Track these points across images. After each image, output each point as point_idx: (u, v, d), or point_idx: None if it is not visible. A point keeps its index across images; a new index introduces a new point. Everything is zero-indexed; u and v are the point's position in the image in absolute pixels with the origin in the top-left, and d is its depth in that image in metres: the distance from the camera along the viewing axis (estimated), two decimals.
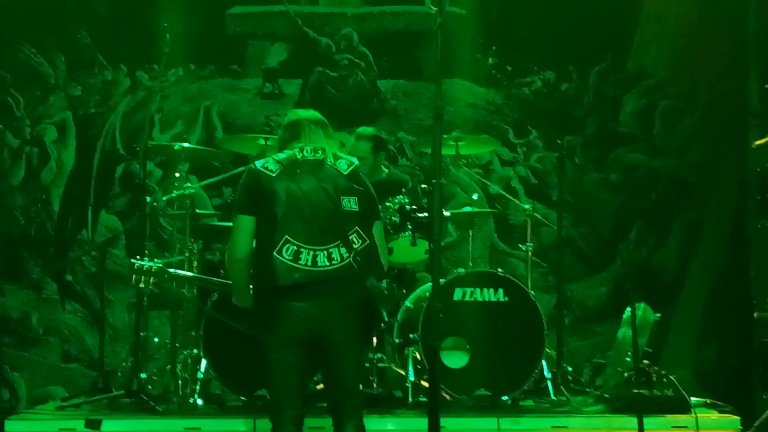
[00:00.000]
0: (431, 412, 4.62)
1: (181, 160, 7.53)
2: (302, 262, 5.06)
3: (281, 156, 5.31)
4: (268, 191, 5.15)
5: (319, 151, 5.31)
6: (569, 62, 9.52)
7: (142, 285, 6.03)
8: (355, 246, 5.13)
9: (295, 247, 5.07)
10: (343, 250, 5.11)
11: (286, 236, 5.07)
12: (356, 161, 5.41)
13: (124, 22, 9.30)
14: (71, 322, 9.14)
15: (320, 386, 6.83)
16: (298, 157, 5.28)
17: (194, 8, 9.22)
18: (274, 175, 5.20)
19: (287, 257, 5.05)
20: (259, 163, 5.30)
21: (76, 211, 9.26)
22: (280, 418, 5.14)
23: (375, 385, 7.06)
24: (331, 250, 5.11)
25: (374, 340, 6.77)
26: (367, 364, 6.98)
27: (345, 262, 5.11)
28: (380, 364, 7.15)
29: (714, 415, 6.98)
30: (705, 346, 9.14)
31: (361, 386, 5.65)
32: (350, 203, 5.21)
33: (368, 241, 5.21)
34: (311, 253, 5.08)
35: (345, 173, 5.27)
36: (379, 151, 7.77)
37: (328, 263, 5.09)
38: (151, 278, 6.01)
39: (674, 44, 9.51)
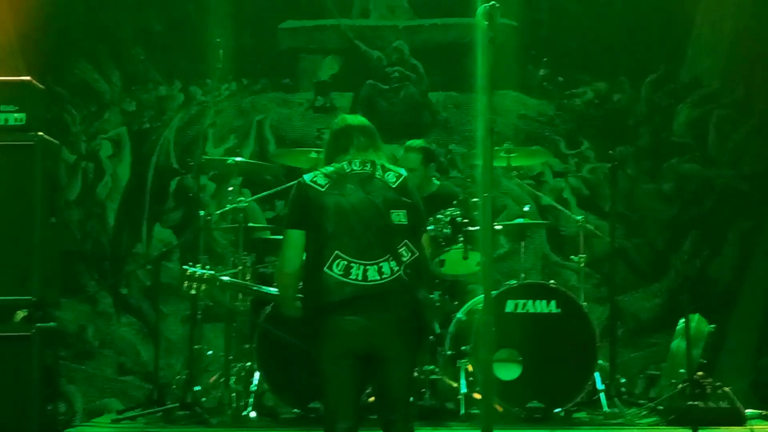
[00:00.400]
0: (485, 425, 4.60)
1: (234, 174, 7.60)
2: (353, 276, 5.01)
3: (329, 169, 5.23)
4: (317, 206, 5.10)
5: (368, 164, 5.24)
6: (621, 72, 9.49)
7: (193, 291, 6.09)
8: (404, 259, 5.06)
9: (346, 262, 5.01)
10: (393, 264, 5.05)
11: (337, 251, 5.02)
12: (405, 173, 5.31)
13: (178, 38, 9.42)
14: (126, 335, 9.24)
15: (372, 399, 6.87)
16: (347, 170, 5.21)
17: (246, 23, 9.33)
18: (323, 189, 5.13)
19: (338, 272, 5.00)
20: (308, 177, 5.24)
21: (131, 225, 9.36)
22: (333, 430, 5.10)
23: (427, 397, 7.08)
24: (381, 264, 5.04)
25: (423, 351, 6.75)
26: (420, 376, 6.99)
27: (395, 276, 5.04)
28: (432, 376, 7.15)
29: None
30: (762, 357, 9.04)
31: (411, 398, 5.61)
32: (399, 216, 5.13)
33: (417, 254, 5.15)
34: (362, 267, 5.03)
35: (393, 186, 5.20)
36: (429, 162, 7.80)
37: (378, 277, 5.02)
38: (203, 285, 6.06)
39: (728, 53, 9.44)
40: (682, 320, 7.45)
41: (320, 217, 5.08)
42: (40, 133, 6.56)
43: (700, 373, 7.03)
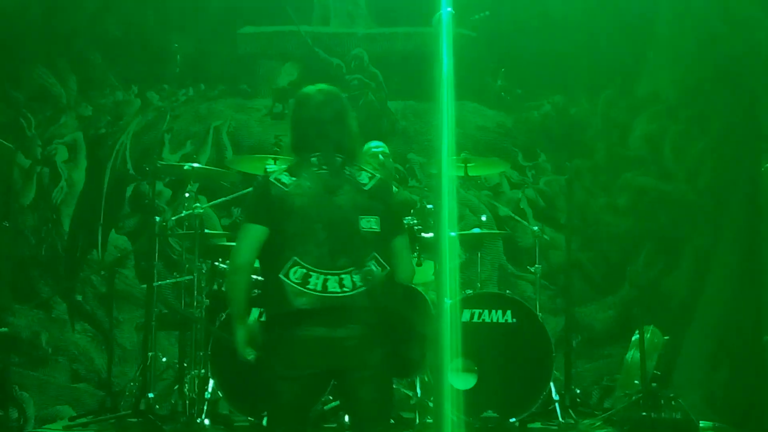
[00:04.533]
0: None
1: (190, 180, 7.55)
2: (311, 286, 4.62)
3: (293, 166, 4.85)
4: (279, 205, 4.70)
5: (336, 161, 4.82)
6: (578, 86, 9.53)
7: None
8: (372, 273, 4.67)
9: (304, 270, 4.63)
10: (356, 278, 4.66)
11: (295, 257, 4.64)
12: (378, 173, 4.93)
13: (136, 43, 9.36)
14: (80, 341, 9.16)
15: (328, 407, 6.85)
16: (314, 169, 4.79)
17: (205, 29, 9.30)
18: (286, 189, 4.73)
19: (294, 280, 4.62)
20: (271, 173, 4.90)
21: (86, 231, 9.29)
22: (273, 430, 4.84)
23: None
24: (343, 275, 4.66)
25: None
26: None
27: (358, 290, 4.65)
28: None
29: None
30: (717, 370, 9.09)
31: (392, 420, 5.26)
32: (369, 223, 4.74)
33: (388, 269, 4.73)
34: (321, 277, 4.64)
35: (366, 188, 4.80)
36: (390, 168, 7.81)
37: (339, 289, 4.64)
38: None
39: (685, 69, 9.51)
40: (637, 332, 7.50)
41: (281, 217, 4.69)
42: None
43: (654, 384, 7.07)
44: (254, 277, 5.62)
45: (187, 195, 7.70)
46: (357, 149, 4.99)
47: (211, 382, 7.01)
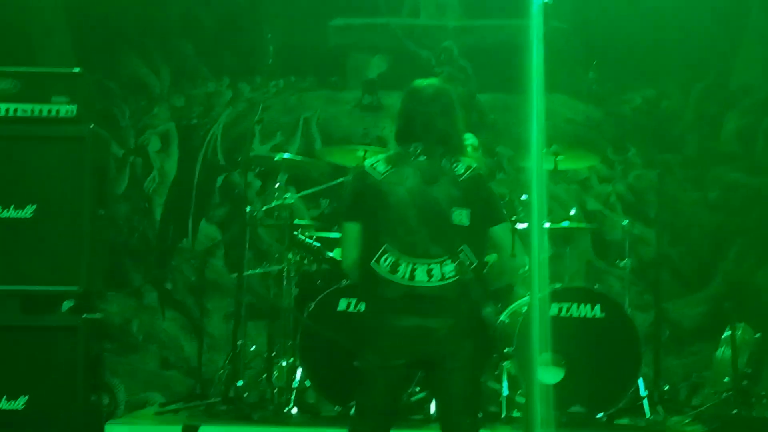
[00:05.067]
0: (526, 429, 4.56)
1: (280, 170, 7.62)
2: (399, 275, 4.67)
3: (392, 155, 4.90)
4: (373, 194, 4.76)
5: (437, 152, 4.84)
6: (670, 79, 9.43)
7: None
8: (462, 265, 4.69)
9: (394, 258, 4.68)
10: (446, 268, 4.67)
11: (386, 245, 4.68)
12: (475, 164, 4.90)
13: (228, 34, 9.46)
14: (170, 329, 9.29)
15: (415, 398, 6.88)
16: (411, 158, 4.82)
17: (296, 20, 9.35)
18: (380, 177, 4.77)
19: (384, 267, 4.68)
20: (368, 162, 4.91)
21: (177, 220, 9.41)
22: (360, 420, 4.87)
23: None
24: (432, 265, 4.68)
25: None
26: None
27: (447, 281, 4.67)
28: None
29: None
30: None
31: (480, 414, 5.23)
32: (461, 216, 4.72)
33: (476, 262, 4.74)
34: (410, 266, 4.68)
35: (460, 179, 4.77)
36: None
37: (426, 279, 4.67)
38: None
39: None
40: (728, 328, 7.41)
41: (375, 205, 4.74)
42: (91, 126, 6.60)
43: (744, 382, 6.98)
44: None
45: (276, 185, 7.77)
46: (460, 143, 4.99)
47: (299, 371, 7.07)
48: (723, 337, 7.62)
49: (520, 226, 6.90)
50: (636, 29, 9.31)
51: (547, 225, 7.59)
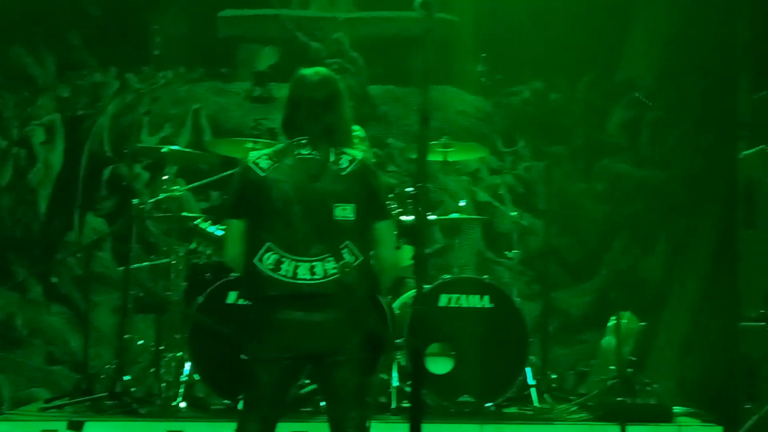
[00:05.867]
0: (413, 418, 4.57)
1: (168, 162, 7.53)
2: (282, 272, 4.65)
3: (276, 150, 4.85)
4: (256, 191, 4.73)
5: (322, 144, 4.80)
6: (558, 72, 9.54)
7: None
8: (345, 261, 4.67)
9: (277, 256, 4.66)
10: (329, 266, 4.66)
11: (269, 243, 4.67)
12: (360, 155, 4.86)
13: (115, 24, 9.29)
14: (56, 324, 9.11)
15: (305, 390, 6.86)
16: (297, 153, 4.78)
17: (185, 11, 9.23)
18: (263, 174, 4.74)
19: (267, 265, 4.66)
20: (251, 158, 4.84)
21: (63, 213, 9.23)
22: (247, 413, 4.82)
23: None
24: (315, 263, 4.67)
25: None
26: None
27: (329, 279, 4.65)
28: None
29: (697, 425, 6.99)
30: (690, 355, 9.16)
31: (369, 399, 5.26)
32: (345, 211, 4.70)
33: (362, 258, 4.72)
34: (293, 263, 4.66)
35: (344, 173, 4.75)
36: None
37: (309, 276, 4.65)
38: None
39: (663, 55, 9.54)
40: (614, 317, 7.54)
41: (258, 202, 4.71)
42: None
43: (629, 370, 7.11)
44: None
45: (165, 178, 7.68)
46: (347, 134, 4.95)
47: (188, 365, 7.00)
48: (609, 325, 7.74)
49: (406, 218, 6.97)
50: (524, 22, 9.40)
51: (433, 217, 7.64)
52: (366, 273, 4.78)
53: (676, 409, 7.11)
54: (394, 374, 7.02)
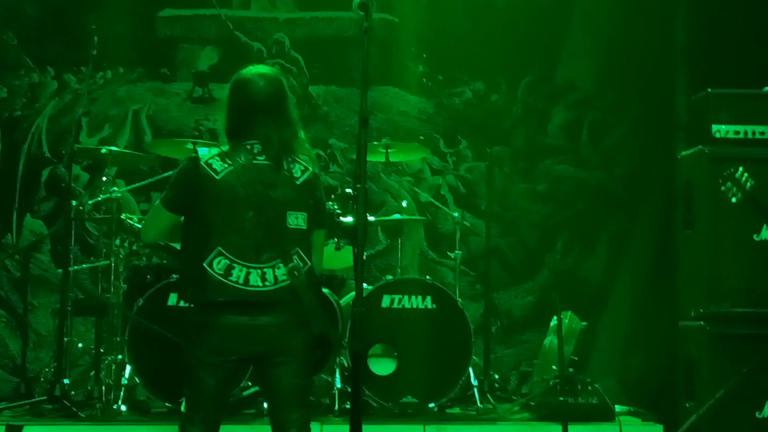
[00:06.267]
0: (353, 419, 4.56)
1: (108, 163, 7.46)
2: (233, 278, 4.59)
3: (227, 152, 4.71)
4: (207, 192, 4.62)
5: (273, 151, 4.72)
6: (499, 73, 9.57)
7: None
8: (298, 269, 4.64)
9: (228, 261, 4.59)
10: (279, 272, 4.64)
11: (219, 247, 4.59)
12: (311, 165, 4.83)
13: (52, 23, 9.16)
14: None
15: (246, 393, 6.83)
16: (251, 158, 4.68)
17: (123, 11, 9.13)
18: (218, 177, 4.63)
19: (217, 270, 4.58)
20: (203, 156, 4.71)
21: (0, 214, 9.09)
22: (190, 416, 4.77)
23: None
24: (266, 270, 4.63)
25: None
26: None
27: (279, 285, 4.64)
28: None
29: (638, 424, 7.06)
30: (631, 355, 9.24)
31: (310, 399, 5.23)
32: (297, 220, 4.70)
33: (309, 264, 4.72)
34: (244, 270, 4.61)
35: (298, 182, 4.74)
36: None
37: (261, 284, 4.62)
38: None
39: (602, 58, 9.62)
40: (555, 318, 7.58)
41: (209, 205, 4.61)
42: None
43: (571, 369, 7.15)
44: None
45: (104, 179, 7.59)
46: (294, 137, 4.86)
47: (128, 368, 6.94)
48: (551, 325, 7.78)
49: (346, 219, 6.96)
50: (465, 23, 9.43)
51: (372, 218, 7.64)
52: (312, 277, 4.77)
53: (618, 408, 7.18)
54: (337, 376, 7.01)
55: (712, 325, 6.71)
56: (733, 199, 6.06)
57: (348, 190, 5.28)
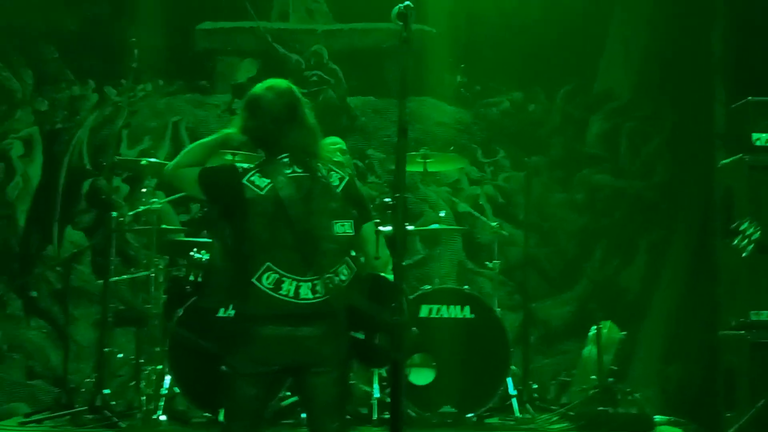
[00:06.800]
0: (393, 429, 4.56)
1: (148, 175, 7.52)
2: (283, 292, 4.61)
3: (264, 165, 4.76)
4: (252, 209, 4.65)
5: (309, 165, 4.76)
6: (537, 83, 9.57)
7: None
8: (343, 277, 4.69)
9: (277, 276, 4.61)
10: (329, 281, 4.65)
11: (268, 263, 4.61)
12: (346, 174, 4.88)
13: (93, 37, 9.26)
14: (35, 338, 9.06)
15: (285, 403, 6.85)
16: (285, 169, 4.73)
17: (163, 24, 9.20)
18: (262, 193, 4.67)
19: (267, 285, 4.61)
20: (244, 175, 4.73)
21: (41, 226, 9.18)
22: (229, 426, 4.79)
23: None
24: (316, 281, 4.65)
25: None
26: None
27: (328, 296, 4.65)
28: None
29: None
30: (670, 364, 9.18)
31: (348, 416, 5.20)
32: (344, 227, 4.75)
33: (356, 270, 4.75)
34: (294, 283, 4.63)
35: (338, 189, 4.79)
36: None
37: (312, 296, 4.64)
38: None
39: (639, 67, 9.60)
40: (594, 327, 7.56)
41: (254, 222, 4.64)
42: None
43: (610, 379, 7.13)
44: None
45: (144, 190, 7.66)
46: (315, 141, 4.89)
47: (168, 378, 6.99)
48: (589, 335, 7.76)
49: (384, 228, 6.97)
50: (502, 33, 9.43)
51: (410, 228, 7.64)
52: (358, 280, 4.79)
53: (658, 417, 7.15)
54: (375, 385, 7.02)
55: (752, 334, 6.66)
56: (744, 254, 5.95)
57: (387, 200, 5.30)
